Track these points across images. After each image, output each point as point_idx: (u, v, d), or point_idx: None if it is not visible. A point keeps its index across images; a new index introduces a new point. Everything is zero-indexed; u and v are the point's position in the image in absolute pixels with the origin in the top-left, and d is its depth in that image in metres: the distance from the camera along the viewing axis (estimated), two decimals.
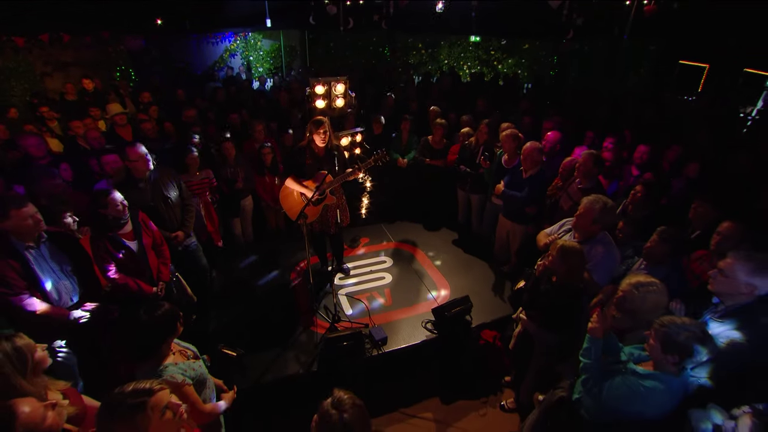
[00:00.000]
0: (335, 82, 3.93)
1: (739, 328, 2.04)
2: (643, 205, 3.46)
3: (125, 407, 1.24)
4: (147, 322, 1.79)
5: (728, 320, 2.10)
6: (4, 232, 2.42)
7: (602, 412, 2.07)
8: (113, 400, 1.25)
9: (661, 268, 2.72)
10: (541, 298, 2.73)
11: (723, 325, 2.11)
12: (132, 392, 1.28)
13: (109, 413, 1.23)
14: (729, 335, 2.04)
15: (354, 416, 1.38)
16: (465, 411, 3.41)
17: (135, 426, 1.24)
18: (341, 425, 1.35)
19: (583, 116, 6.66)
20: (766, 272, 2.01)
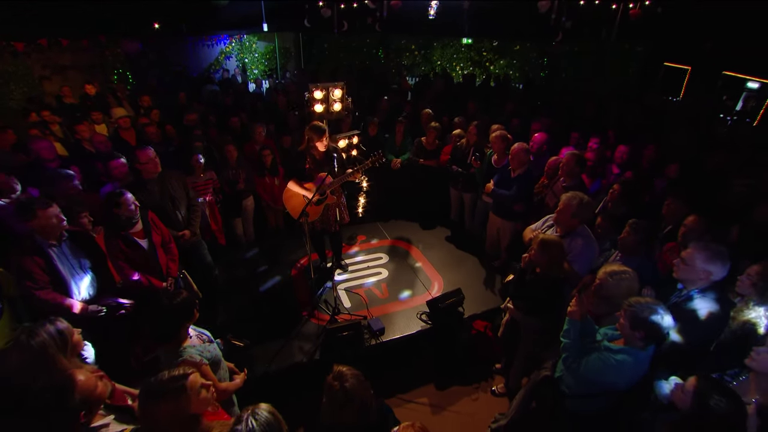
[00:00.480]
0: (333, 88, 4.14)
1: (697, 310, 2.30)
2: (620, 201, 3.72)
3: (170, 391, 1.45)
4: (168, 308, 2.00)
5: (688, 303, 2.36)
6: (29, 231, 2.61)
7: (580, 385, 2.32)
8: (155, 386, 1.47)
9: (635, 259, 2.97)
10: (526, 287, 2.97)
11: (683, 308, 2.36)
12: (170, 378, 1.49)
13: (154, 397, 1.45)
14: (688, 317, 2.29)
15: (354, 385, 1.60)
16: (458, 396, 3.64)
17: (179, 406, 1.45)
18: (343, 393, 1.57)
19: (571, 117, 6.94)
20: (720, 260, 2.27)
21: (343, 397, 1.63)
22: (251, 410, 1.42)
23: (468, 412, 3.51)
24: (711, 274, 2.30)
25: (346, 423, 1.63)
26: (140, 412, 1.43)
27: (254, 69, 13.19)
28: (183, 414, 1.45)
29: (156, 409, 1.42)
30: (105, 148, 4.47)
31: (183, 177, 3.82)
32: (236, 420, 1.40)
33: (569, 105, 7.82)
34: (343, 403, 1.61)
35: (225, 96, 7.41)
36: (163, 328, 1.99)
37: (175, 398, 1.44)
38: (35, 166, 4.05)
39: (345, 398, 1.62)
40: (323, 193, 3.73)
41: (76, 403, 1.40)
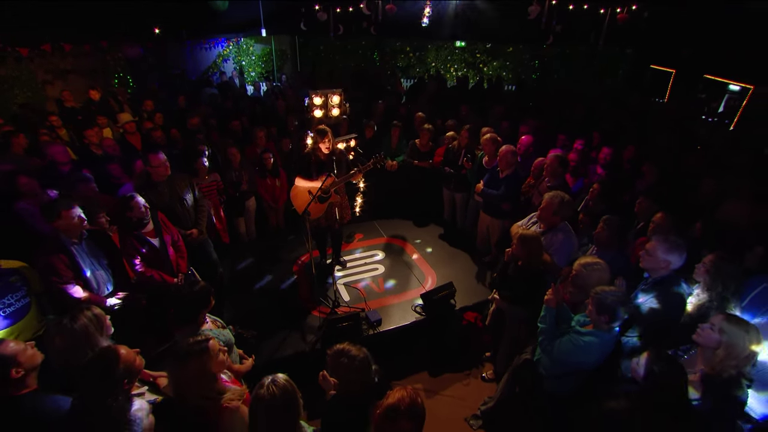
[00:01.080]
0: (331, 94, 4.40)
1: (658, 295, 2.58)
2: (600, 200, 3.99)
3: (195, 351, 1.71)
4: (189, 295, 2.25)
5: (651, 290, 2.64)
6: (54, 230, 2.85)
7: (554, 366, 2.59)
8: (183, 347, 1.73)
9: (610, 252, 3.25)
10: (509, 279, 3.25)
11: (647, 294, 2.65)
12: (195, 342, 1.76)
13: (182, 356, 1.70)
14: (650, 302, 2.58)
15: (357, 353, 1.87)
16: (450, 382, 3.91)
17: (203, 363, 1.71)
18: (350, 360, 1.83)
19: (560, 119, 7.23)
20: (677, 251, 2.55)
21: (360, 365, 1.90)
22: (271, 378, 1.68)
23: (459, 396, 3.78)
24: (670, 263, 2.59)
25: (353, 387, 1.91)
26: (170, 370, 1.69)
27: (251, 71, 13.40)
28: (205, 372, 1.72)
29: (184, 367, 1.68)
30: (114, 152, 4.70)
31: (190, 179, 4.06)
32: (258, 385, 1.66)
33: (558, 107, 8.11)
34: (354, 368, 1.87)
35: (225, 100, 7.63)
36: (185, 313, 2.25)
37: (199, 357, 1.71)
38: (50, 169, 4.28)
39: (351, 364, 1.89)
40: (327, 192, 3.98)
41: (120, 372, 1.65)
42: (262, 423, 1.61)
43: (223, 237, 4.94)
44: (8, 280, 2.80)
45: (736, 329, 2.07)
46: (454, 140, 5.38)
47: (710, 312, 2.49)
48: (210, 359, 1.73)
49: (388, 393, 1.75)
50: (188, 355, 1.70)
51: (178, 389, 1.72)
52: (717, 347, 2.12)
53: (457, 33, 10.92)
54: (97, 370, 1.62)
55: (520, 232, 3.13)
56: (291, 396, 1.66)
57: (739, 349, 2.05)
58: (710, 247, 2.97)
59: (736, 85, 8.42)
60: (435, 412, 3.60)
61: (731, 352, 2.07)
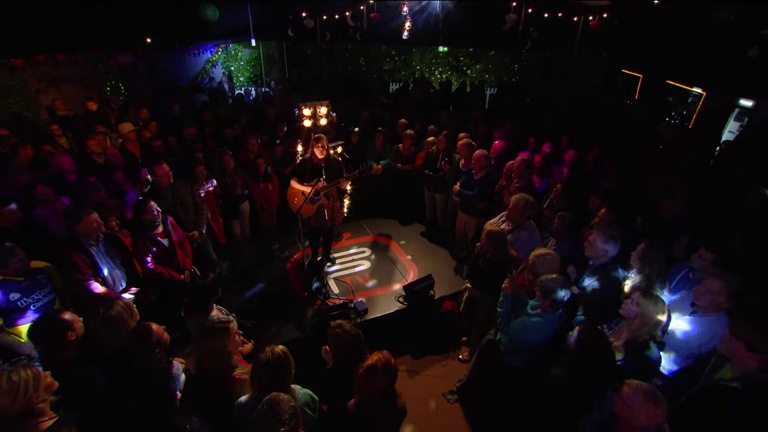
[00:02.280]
0: (319, 105, 4.81)
1: (599, 279, 3.07)
2: (562, 199, 4.49)
3: (219, 330, 2.12)
4: (202, 285, 2.66)
5: (594, 275, 3.13)
6: (74, 233, 3.22)
7: (510, 343, 3.06)
8: (209, 325, 2.14)
9: (565, 244, 3.74)
10: (479, 270, 3.71)
11: (591, 278, 3.14)
12: (219, 321, 2.18)
13: (209, 333, 2.12)
14: (592, 285, 3.07)
15: (351, 327, 2.31)
16: (431, 363, 4.37)
17: (224, 340, 2.14)
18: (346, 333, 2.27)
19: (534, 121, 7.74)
20: (613, 241, 3.05)
21: (350, 340, 2.34)
22: (271, 347, 2.10)
23: (439, 375, 4.24)
24: (608, 252, 3.08)
25: (345, 359, 2.34)
26: (197, 344, 2.10)
27: (240, 76, 13.68)
28: (225, 348, 2.14)
29: (209, 343, 2.09)
30: (118, 161, 5.03)
31: (190, 185, 4.45)
32: (260, 351, 2.08)
33: (533, 111, 8.65)
34: (346, 340, 2.31)
35: (217, 107, 7.97)
36: (198, 301, 2.65)
37: (221, 335, 2.14)
38: (57, 178, 4.60)
39: (348, 337, 2.33)
40: (318, 195, 4.39)
41: (153, 342, 2.05)
42: (262, 379, 2.02)
43: (220, 238, 5.32)
44: (37, 278, 3.15)
45: (649, 302, 2.55)
46: (434, 145, 5.84)
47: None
48: (229, 338, 2.15)
49: (366, 356, 2.18)
50: (213, 332, 2.11)
51: (202, 360, 2.13)
52: (635, 318, 2.60)
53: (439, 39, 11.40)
54: (137, 340, 2.03)
55: (487, 228, 3.59)
56: (285, 361, 2.09)
57: (650, 318, 2.54)
58: (649, 238, 3.48)
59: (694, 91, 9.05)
60: (417, 390, 4.06)
61: (645, 320, 2.55)
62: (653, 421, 2.03)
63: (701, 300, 2.62)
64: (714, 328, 2.52)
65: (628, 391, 2.08)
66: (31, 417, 1.82)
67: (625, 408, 2.07)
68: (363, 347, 2.48)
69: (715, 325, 2.54)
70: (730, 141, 7.73)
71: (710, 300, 2.56)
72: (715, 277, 2.61)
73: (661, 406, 2.04)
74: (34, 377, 1.83)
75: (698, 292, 2.65)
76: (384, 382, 2.07)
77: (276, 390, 1.88)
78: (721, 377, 2.29)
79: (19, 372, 1.80)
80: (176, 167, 5.20)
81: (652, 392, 2.07)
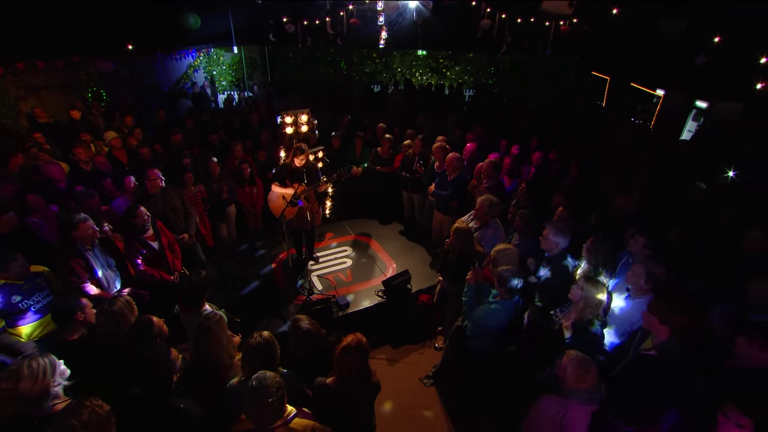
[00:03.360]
0: (300, 113, 5.10)
1: (552, 269, 3.46)
2: (527, 197, 4.89)
3: (214, 320, 2.41)
4: (194, 282, 2.94)
5: (548, 265, 3.53)
6: (72, 239, 3.45)
7: (474, 328, 3.43)
8: (205, 321, 2.42)
9: (527, 239, 4.13)
10: (449, 263, 4.08)
11: (545, 268, 3.53)
12: (213, 313, 2.46)
13: (204, 329, 2.40)
14: (546, 274, 3.46)
15: (311, 322, 2.62)
16: (408, 352, 4.73)
17: (219, 334, 2.42)
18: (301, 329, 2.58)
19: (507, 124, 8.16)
20: (563, 234, 3.45)
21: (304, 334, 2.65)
22: (259, 333, 2.40)
23: (416, 362, 4.59)
24: (559, 244, 3.48)
25: (301, 351, 2.66)
26: (197, 339, 2.39)
27: (222, 81, 13.79)
28: (221, 341, 2.43)
29: (206, 338, 2.39)
30: (106, 168, 5.22)
31: (180, 190, 4.69)
32: (249, 337, 2.38)
33: (507, 112, 9.09)
34: (301, 334, 2.63)
35: (201, 113, 8.15)
36: (192, 297, 2.94)
37: (218, 327, 2.44)
38: (47, 186, 4.77)
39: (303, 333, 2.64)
40: (298, 198, 4.68)
41: (155, 332, 2.33)
42: (252, 362, 2.32)
43: (208, 241, 5.56)
44: (36, 281, 3.37)
45: (591, 287, 2.95)
46: (410, 148, 6.19)
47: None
48: (224, 329, 2.45)
49: (342, 338, 2.50)
50: (212, 327, 2.41)
51: (199, 352, 2.42)
52: (580, 300, 3.00)
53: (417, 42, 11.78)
54: (140, 330, 2.31)
55: (454, 226, 3.96)
56: (272, 344, 2.41)
57: (592, 300, 2.94)
58: (600, 232, 3.89)
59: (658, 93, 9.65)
60: (396, 376, 4.41)
61: (588, 302, 2.95)
62: (583, 383, 2.43)
63: (630, 283, 3.04)
64: (643, 308, 2.93)
65: (566, 360, 2.48)
66: (48, 399, 2.09)
67: (563, 372, 2.47)
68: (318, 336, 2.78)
69: (643, 305, 2.95)
70: (686, 140, 8.34)
71: (635, 282, 2.98)
72: (638, 263, 3.03)
73: (592, 370, 2.44)
74: (50, 364, 2.10)
75: (627, 277, 3.07)
76: (358, 359, 2.39)
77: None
78: (644, 347, 2.70)
79: (38, 359, 2.07)
80: (164, 173, 5.45)
81: (585, 360, 2.47)
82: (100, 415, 1.72)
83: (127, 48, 9.05)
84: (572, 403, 2.49)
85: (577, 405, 2.48)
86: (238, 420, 2.12)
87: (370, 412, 2.71)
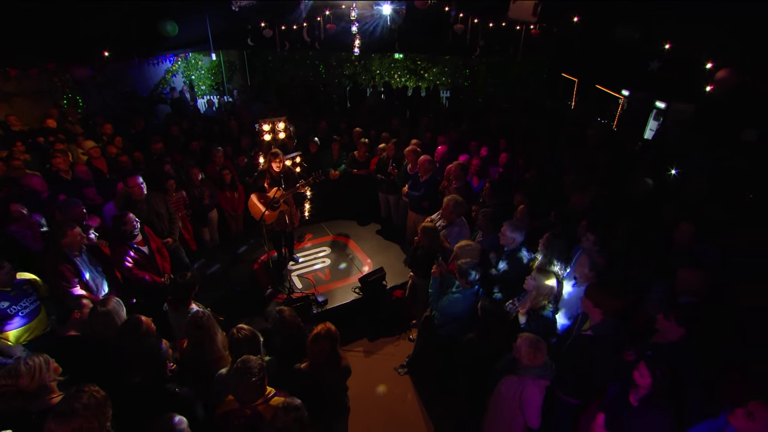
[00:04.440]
0: (277, 121, 5.35)
1: (509, 262, 3.82)
2: (491, 196, 5.25)
3: (207, 319, 2.66)
4: (181, 283, 3.18)
5: (506, 259, 3.89)
6: (60, 245, 3.63)
7: (440, 317, 3.76)
8: (195, 317, 2.67)
9: (490, 235, 4.49)
10: (418, 260, 4.40)
11: (503, 262, 3.89)
12: (203, 312, 2.71)
13: (197, 324, 2.65)
14: (504, 267, 3.82)
15: (292, 313, 2.90)
16: (385, 344, 5.04)
17: (210, 332, 2.67)
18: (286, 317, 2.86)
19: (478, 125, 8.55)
20: (519, 230, 3.81)
21: (281, 320, 2.93)
22: (239, 327, 2.68)
23: (391, 353, 4.91)
24: (515, 239, 3.84)
25: (290, 332, 2.95)
26: (191, 334, 2.64)
27: (201, 85, 13.80)
28: (213, 336, 2.69)
29: (199, 332, 2.64)
30: (87, 177, 5.35)
31: (163, 196, 4.89)
32: (231, 332, 2.65)
33: (477, 115, 9.49)
34: (283, 322, 2.91)
35: (181, 120, 8.27)
36: (179, 296, 3.18)
37: (208, 324, 2.69)
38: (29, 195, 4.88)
39: (285, 321, 2.92)
40: (277, 202, 4.94)
41: (143, 330, 2.57)
42: (239, 352, 2.58)
43: (191, 245, 5.75)
44: (23, 287, 3.53)
45: (543, 277, 3.32)
46: (384, 151, 6.50)
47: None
48: (215, 327, 2.72)
49: (313, 328, 2.79)
50: (204, 323, 2.67)
51: (196, 346, 2.67)
52: (533, 290, 3.36)
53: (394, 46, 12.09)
54: (130, 327, 2.55)
55: (422, 224, 4.29)
56: (255, 335, 2.68)
57: (543, 289, 3.31)
58: (556, 229, 4.27)
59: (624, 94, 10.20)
60: (372, 366, 4.72)
61: (540, 291, 3.32)
62: (535, 359, 2.79)
63: (577, 273, 3.42)
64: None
65: (520, 341, 2.83)
66: (44, 393, 2.32)
67: (518, 351, 2.82)
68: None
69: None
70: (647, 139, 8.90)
71: (581, 271, 3.36)
72: (584, 255, 3.41)
73: (542, 348, 2.80)
74: (45, 361, 2.33)
75: (575, 267, 3.45)
76: (327, 345, 2.69)
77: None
78: (584, 329, 3.08)
79: (33, 358, 2.30)
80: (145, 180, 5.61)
81: (536, 339, 2.83)
82: (98, 399, 1.96)
83: (104, 55, 9.07)
84: (528, 380, 2.85)
85: (532, 381, 2.84)
86: (224, 400, 2.40)
87: (342, 393, 3.01)
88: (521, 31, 10.31)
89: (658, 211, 4.50)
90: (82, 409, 1.88)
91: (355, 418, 3.57)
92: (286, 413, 1.97)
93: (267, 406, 2.30)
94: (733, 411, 2.19)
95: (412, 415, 4.19)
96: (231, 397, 2.40)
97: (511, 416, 3.00)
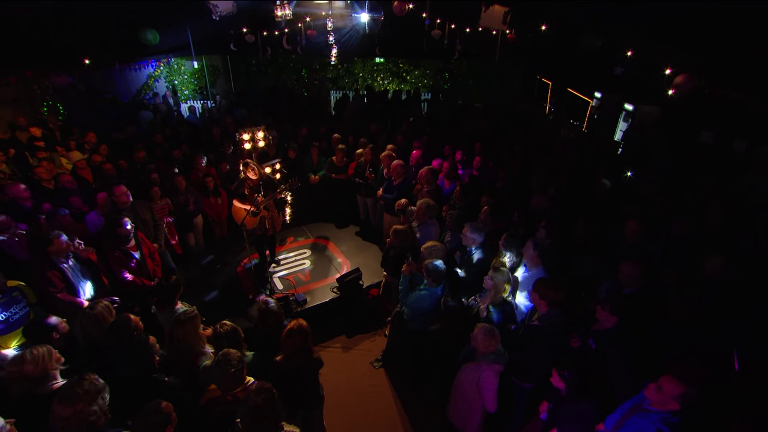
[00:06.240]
0: (256, 130, 5.57)
1: (472, 259, 4.16)
2: (461, 198, 5.58)
3: (191, 316, 2.92)
4: (167, 284, 3.43)
5: (467, 258, 4.22)
6: (47, 253, 3.83)
7: (409, 312, 4.08)
8: (179, 317, 2.93)
9: (457, 236, 4.81)
10: (390, 260, 4.71)
11: (465, 261, 4.22)
12: (190, 310, 2.98)
13: (180, 321, 2.91)
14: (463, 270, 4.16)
15: (274, 306, 3.18)
16: (362, 340, 5.34)
17: (192, 328, 2.94)
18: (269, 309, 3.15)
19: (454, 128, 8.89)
20: (478, 231, 4.15)
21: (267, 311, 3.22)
22: (221, 323, 2.95)
23: (368, 348, 5.21)
24: (476, 239, 4.18)
25: (269, 326, 3.23)
26: (171, 331, 2.90)
27: (185, 90, 13.85)
28: (195, 332, 2.95)
29: (182, 329, 2.90)
30: (72, 186, 5.51)
31: (149, 204, 5.11)
32: (215, 327, 2.92)
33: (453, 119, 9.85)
34: (267, 312, 3.20)
35: (163, 126, 8.42)
36: (165, 297, 3.44)
37: (191, 322, 2.95)
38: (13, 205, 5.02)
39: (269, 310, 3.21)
40: (258, 209, 5.19)
41: (132, 327, 2.83)
42: (221, 346, 2.86)
43: (177, 249, 5.96)
44: (12, 294, 3.73)
45: (498, 275, 3.66)
46: (362, 156, 6.79)
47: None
48: (196, 326, 2.98)
49: (286, 324, 3.08)
50: (186, 320, 2.93)
51: (179, 341, 2.93)
52: (491, 288, 3.70)
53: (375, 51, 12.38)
54: (119, 326, 2.81)
55: (393, 226, 4.60)
56: (236, 330, 2.96)
57: (500, 287, 3.65)
58: (523, 227, 4.63)
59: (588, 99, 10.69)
60: (349, 361, 5.01)
61: (497, 288, 3.66)
62: (490, 346, 3.12)
63: (525, 258, 3.83)
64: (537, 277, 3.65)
65: (477, 330, 3.16)
66: (47, 380, 2.57)
67: (475, 340, 3.15)
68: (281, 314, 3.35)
69: (537, 274, 3.70)
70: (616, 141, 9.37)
71: (527, 254, 3.79)
72: (529, 241, 3.83)
73: (496, 335, 3.13)
74: (48, 351, 2.59)
75: (524, 253, 3.85)
76: (299, 339, 2.97)
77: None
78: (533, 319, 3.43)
79: (38, 348, 2.57)
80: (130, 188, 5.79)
81: (490, 328, 3.16)
82: (97, 386, 2.23)
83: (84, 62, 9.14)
84: (484, 365, 3.18)
85: (487, 366, 3.18)
86: (208, 389, 2.68)
87: (315, 383, 3.30)
88: (498, 35, 10.73)
89: (616, 210, 4.88)
90: (83, 394, 2.15)
91: (332, 409, 3.89)
92: (257, 394, 2.24)
93: (247, 392, 2.59)
94: (648, 385, 2.54)
95: (386, 405, 4.49)
96: (213, 386, 2.68)
97: (470, 401, 3.33)
